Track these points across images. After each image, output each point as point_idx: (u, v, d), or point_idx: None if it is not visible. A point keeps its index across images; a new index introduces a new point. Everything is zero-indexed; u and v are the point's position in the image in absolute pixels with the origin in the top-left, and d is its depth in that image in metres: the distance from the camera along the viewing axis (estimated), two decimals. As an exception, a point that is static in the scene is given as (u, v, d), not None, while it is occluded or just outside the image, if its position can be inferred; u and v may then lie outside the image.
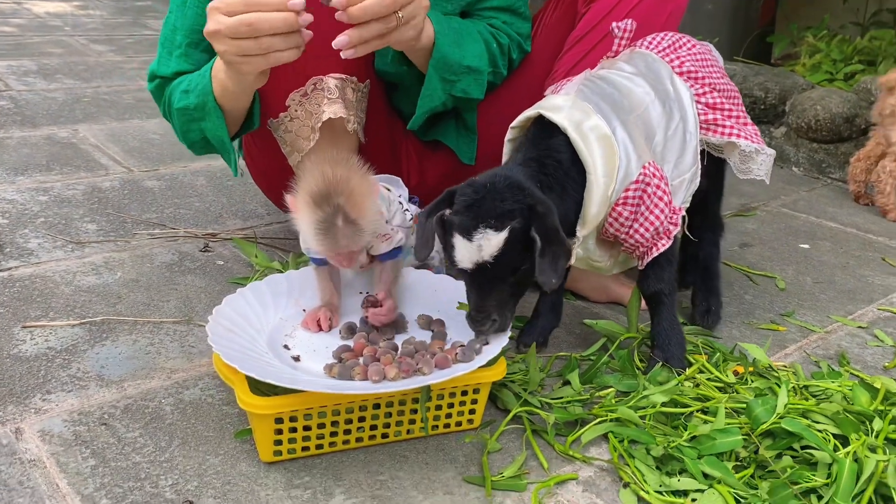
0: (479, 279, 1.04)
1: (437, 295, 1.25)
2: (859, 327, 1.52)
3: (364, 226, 1.05)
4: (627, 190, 1.15)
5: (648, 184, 1.16)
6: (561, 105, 1.15)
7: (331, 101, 1.34)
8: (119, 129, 2.42)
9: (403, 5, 1.15)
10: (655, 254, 1.19)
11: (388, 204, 1.19)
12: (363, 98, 1.42)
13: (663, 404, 1.13)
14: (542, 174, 1.11)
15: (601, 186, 1.12)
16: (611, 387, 1.20)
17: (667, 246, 1.19)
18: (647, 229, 1.18)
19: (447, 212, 1.05)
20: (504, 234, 1.00)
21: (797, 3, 3.98)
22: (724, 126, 1.27)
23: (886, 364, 1.38)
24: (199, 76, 1.34)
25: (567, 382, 1.22)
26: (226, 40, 1.11)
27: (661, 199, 1.17)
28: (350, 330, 1.16)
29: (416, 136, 1.64)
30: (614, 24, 1.30)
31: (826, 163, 2.53)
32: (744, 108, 1.36)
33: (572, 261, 1.19)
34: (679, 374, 1.20)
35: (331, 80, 1.35)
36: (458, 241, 1.02)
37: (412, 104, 1.58)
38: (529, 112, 1.18)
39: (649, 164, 1.16)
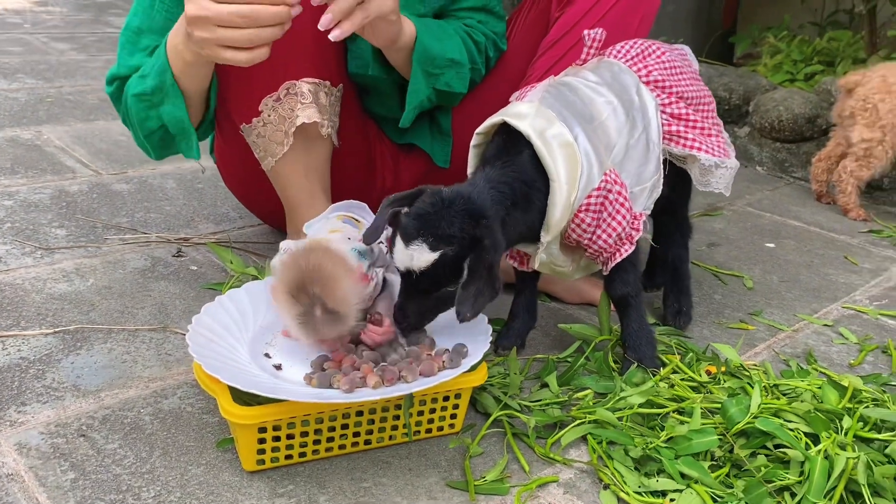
0: (408, 282, 1.07)
1: None
2: (825, 325, 1.56)
3: (343, 312, 1.03)
4: (590, 196, 1.17)
5: (610, 191, 1.18)
6: (525, 113, 1.16)
7: (304, 106, 1.34)
8: (84, 131, 2.38)
9: None
10: (619, 259, 1.21)
11: (369, 253, 1.17)
12: (336, 102, 1.42)
13: (640, 405, 1.15)
14: (508, 188, 1.12)
15: (564, 193, 1.14)
16: (588, 388, 1.22)
17: (630, 251, 1.21)
18: (609, 235, 1.19)
19: (404, 209, 1.06)
20: (433, 256, 1.03)
21: (757, 4, 4.05)
22: (686, 138, 1.29)
23: (852, 361, 1.42)
24: (154, 58, 1.30)
25: (545, 385, 1.24)
26: (210, 27, 1.10)
27: (622, 205, 1.19)
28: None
29: (391, 139, 1.65)
30: (585, 32, 1.32)
31: (789, 162, 2.59)
32: (714, 116, 1.38)
33: (535, 265, 1.22)
34: (654, 375, 1.23)
35: (304, 85, 1.34)
36: (398, 243, 1.06)
37: (386, 107, 1.58)
38: (494, 119, 1.19)
39: (610, 171, 1.18)
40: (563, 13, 1.49)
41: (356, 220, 1.26)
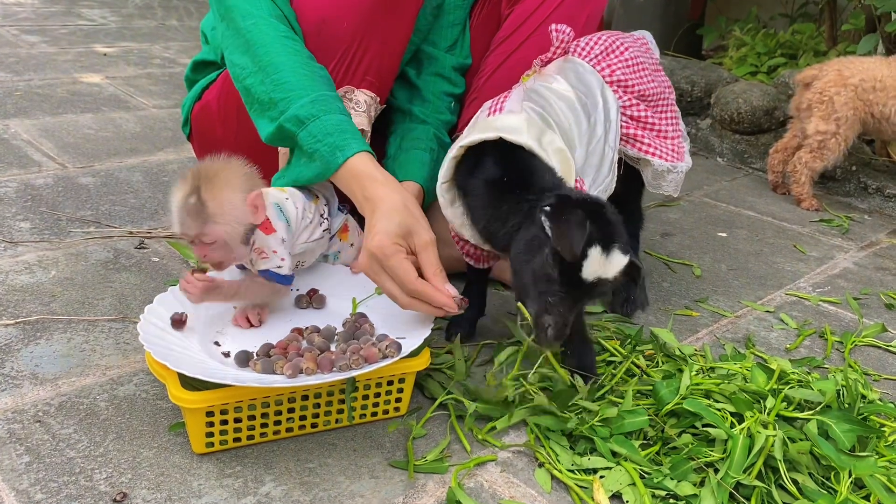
0: (578, 292, 1.05)
1: (354, 290, 1.31)
2: (767, 311, 1.62)
3: (212, 210, 1.10)
4: None
5: (581, 189, 1.20)
6: (517, 126, 1.16)
7: (357, 113, 1.39)
8: (52, 124, 2.40)
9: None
10: None
11: (290, 221, 1.22)
12: (374, 119, 1.47)
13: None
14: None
15: None
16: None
17: None
18: None
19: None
20: (626, 259, 1.04)
21: (728, -5, 4.12)
22: (642, 142, 1.33)
23: (788, 346, 1.49)
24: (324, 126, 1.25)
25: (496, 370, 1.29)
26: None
27: None
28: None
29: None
30: (553, 27, 1.35)
31: (748, 153, 2.65)
32: (673, 109, 1.41)
33: None
34: (595, 382, 1.23)
35: (361, 95, 1.40)
36: (594, 252, 1.02)
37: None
38: (486, 135, 1.16)
39: (578, 179, 1.20)
40: (513, 11, 1.54)
41: (315, 195, 1.31)
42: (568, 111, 1.23)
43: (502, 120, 1.20)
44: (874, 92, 2.16)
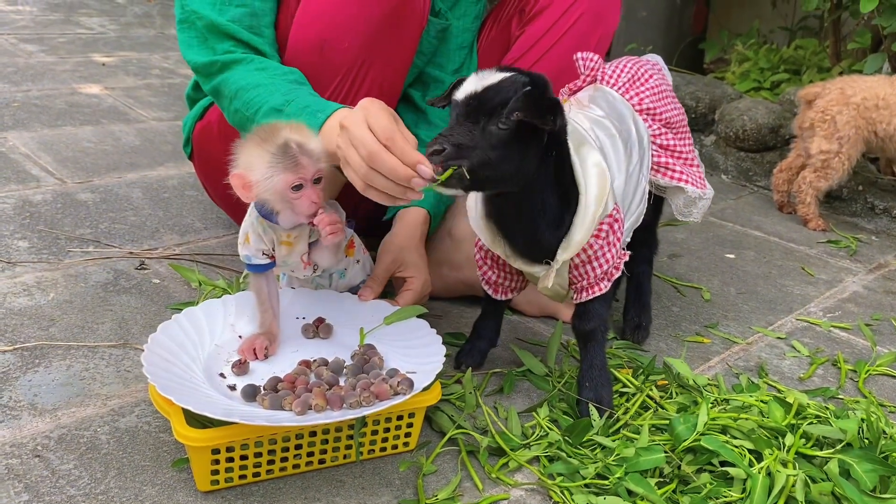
0: (458, 112, 1.05)
1: (362, 318, 1.28)
2: (778, 338, 1.60)
3: (314, 147, 1.12)
4: (602, 223, 1.16)
5: (617, 220, 1.17)
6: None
7: None
8: (51, 137, 2.36)
9: None
10: (595, 294, 1.19)
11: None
12: None
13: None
14: (567, 179, 1.12)
15: (590, 212, 1.13)
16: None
17: (606, 290, 1.20)
18: (600, 266, 1.18)
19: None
20: (501, 76, 1.04)
21: (728, 7, 4.11)
22: (674, 170, 1.31)
23: (802, 375, 1.46)
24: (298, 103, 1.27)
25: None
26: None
27: (618, 240, 1.18)
28: (307, 365, 1.17)
29: None
30: (579, 55, 1.34)
31: (753, 171, 2.63)
32: (690, 138, 1.40)
33: (549, 284, 1.20)
34: (611, 415, 1.21)
35: None
36: (468, 80, 1.06)
37: None
38: None
39: (616, 206, 1.18)
40: (524, 32, 1.52)
41: None
42: (606, 139, 1.21)
43: None
44: (877, 110, 2.15)
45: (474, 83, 1.05)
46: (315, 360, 1.17)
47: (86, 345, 1.35)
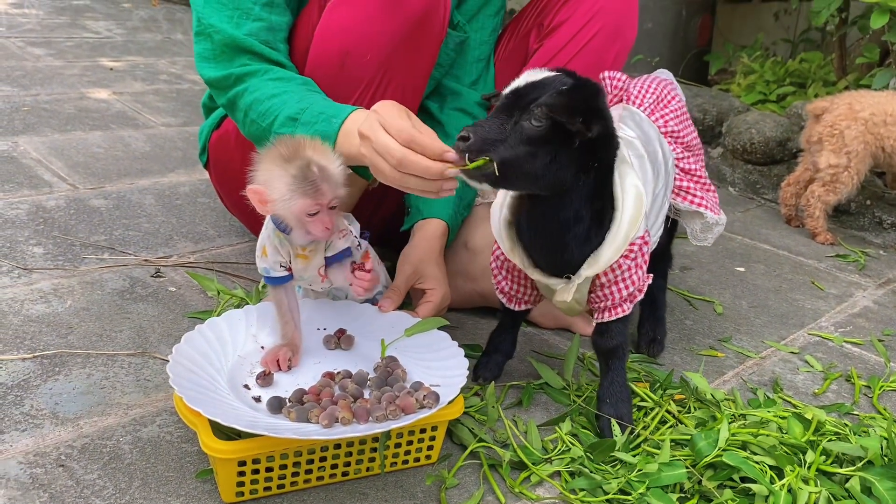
0: (502, 105, 1.05)
1: (382, 330, 1.29)
2: (791, 353, 1.61)
3: (335, 172, 1.11)
4: (633, 244, 1.15)
5: (647, 242, 1.17)
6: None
7: None
8: (61, 142, 2.37)
9: None
10: (617, 315, 1.19)
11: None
12: None
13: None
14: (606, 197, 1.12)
15: (623, 231, 1.12)
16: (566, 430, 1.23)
17: (628, 312, 1.20)
18: (626, 288, 1.18)
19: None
20: (546, 74, 1.05)
21: (731, 20, 4.13)
22: (694, 195, 1.32)
23: (816, 390, 1.47)
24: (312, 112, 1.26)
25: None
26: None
27: (645, 262, 1.18)
28: (331, 377, 1.17)
29: None
30: (606, 74, 1.34)
31: (760, 184, 2.65)
32: (703, 160, 1.41)
33: (568, 298, 1.19)
34: (631, 431, 1.21)
35: None
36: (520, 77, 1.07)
37: None
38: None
39: (647, 229, 1.18)
40: (542, 45, 1.53)
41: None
42: (636, 160, 1.21)
43: None
44: (885, 126, 2.16)
45: (522, 79, 1.05)
46: (339, 372, 1.17)
47: (105, 353, 1.35)
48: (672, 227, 1.44)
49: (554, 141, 1.03)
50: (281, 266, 1.22)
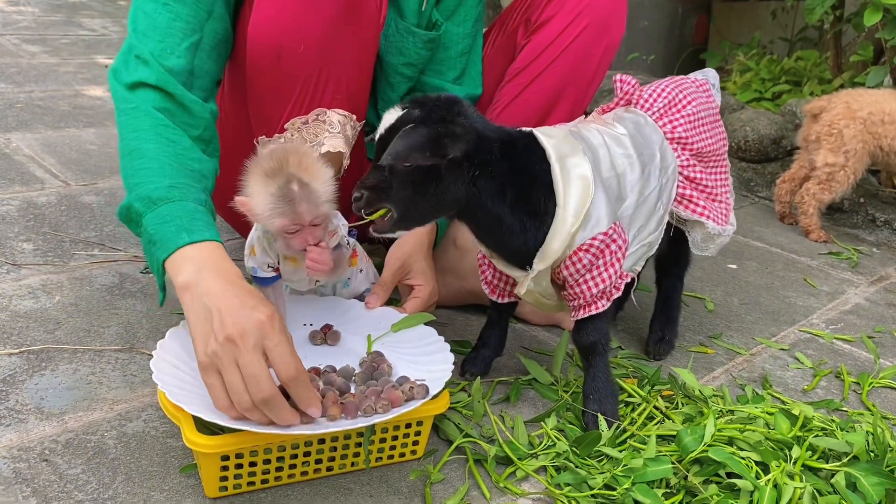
0: (377, 153, 1.09)
1: (369, 325, 1.28)
2: (781, 349, 1.60)
3: (319, 189, 1.09)
4: (594, 238, 1.15)
5: (614, 240, 1.16)
6: (552, 133, 1.16)
7: (332, 135, 1.36)
8: (54, 139, 2.36)
9: None
10: (592, 312, 1.19)
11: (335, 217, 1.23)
12: (355, 137, 1.43)
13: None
14: (517, 173, 1.12)
15: (567, 224, 1.12)
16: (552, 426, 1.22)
17: (604, 308, 1.19)
18: (596, 285, 1.18)
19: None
20: (399, 112, 1.07)
21: (728, 19, 4.13)
22: (696, 204, 1.30)
23: (805, 387, 1.47)
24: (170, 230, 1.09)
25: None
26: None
27: (618, 260, 1.17)
28: (316, 373, 1.17)
29: None
30: (617, 77, 1.33)
31: (754, 181, 2.65)
32: (724, 168, 1.38)
33: (521, 291, 1.21)
34: (617, 426, 1.20)
35: (334, 115, 1.37)
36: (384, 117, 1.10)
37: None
38: (524, 129, 1.17)
39: (617, 223, 1.17)
40: (529, 41, 1.52)
41: None
42: (623, 157, 1.20)
43: (543, 128, 1.19)
44: (883, 125, 2.16)
45: (382, 123, 1.09)
46: (324, 368, 1.17)
47: (92, 348, 1.34)
48: (678, 232, 1.42)
49: (429, 171, 1.06)
50: (269, 267, 1.22)
